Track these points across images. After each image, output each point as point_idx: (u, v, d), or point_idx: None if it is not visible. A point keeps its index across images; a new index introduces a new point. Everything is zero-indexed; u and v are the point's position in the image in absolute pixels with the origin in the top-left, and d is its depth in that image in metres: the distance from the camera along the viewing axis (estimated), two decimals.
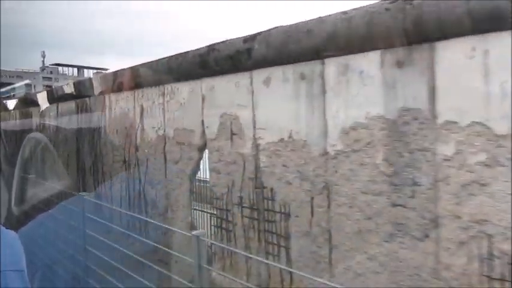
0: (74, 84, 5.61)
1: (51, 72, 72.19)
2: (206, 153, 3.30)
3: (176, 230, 3.27)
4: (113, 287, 3.48)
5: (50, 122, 6.43)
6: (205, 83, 3.19)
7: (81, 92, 5.23)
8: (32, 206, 5.69)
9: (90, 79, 5.16)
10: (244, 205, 2.91)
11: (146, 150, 4.01)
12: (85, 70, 73.35)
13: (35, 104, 6.78)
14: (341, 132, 2.24)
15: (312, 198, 2.43)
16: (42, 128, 6.75)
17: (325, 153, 2.33)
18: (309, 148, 2.42)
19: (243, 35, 2.75)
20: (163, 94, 3.69)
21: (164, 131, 3.72)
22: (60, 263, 4.57)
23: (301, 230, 2.51)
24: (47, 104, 6.30)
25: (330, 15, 2.20)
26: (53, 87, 8.74)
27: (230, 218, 3.04)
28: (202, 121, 3.24)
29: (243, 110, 2.86)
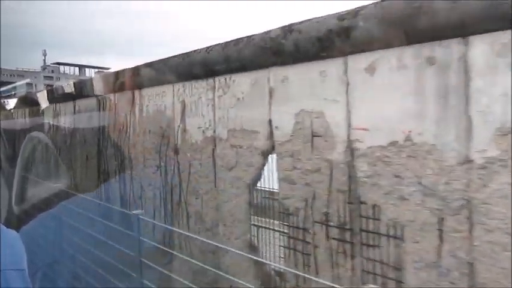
0: (95, 79, 5.05)
1: (52, 72, 71.45)
2: (272, 158, 2.74)
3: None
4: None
5: (65, 121, 5.87)
6: (275, 73, 2.62)
7: (105, 88, 4.67)
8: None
9: (120, 71, 4.56)
10: (330, 224, 2.35)
11: (189, 154, 3.45)
12: (86, 69, 72.68)
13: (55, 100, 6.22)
14: (496, 133, 1.67)
15: (442, 220, 1.86)
16: (56, 128, 6.19)
17: (468, 161, 1.76)
18: (439, 154, 1.85)
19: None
20: (214, 88, 3.13)
21: (214, 131, 3.15)
22: None
23: (423, 260, 1.94)
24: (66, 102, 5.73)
25: None
26: (54, 86, 8.20)
27: (309, 239, 2.48)
28: (270, 120, 2.67)
29: (331, 106, 2.29)
